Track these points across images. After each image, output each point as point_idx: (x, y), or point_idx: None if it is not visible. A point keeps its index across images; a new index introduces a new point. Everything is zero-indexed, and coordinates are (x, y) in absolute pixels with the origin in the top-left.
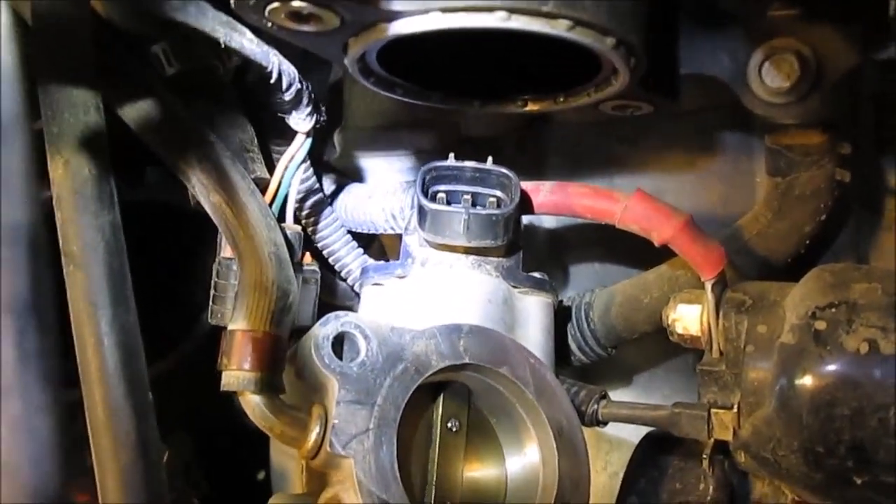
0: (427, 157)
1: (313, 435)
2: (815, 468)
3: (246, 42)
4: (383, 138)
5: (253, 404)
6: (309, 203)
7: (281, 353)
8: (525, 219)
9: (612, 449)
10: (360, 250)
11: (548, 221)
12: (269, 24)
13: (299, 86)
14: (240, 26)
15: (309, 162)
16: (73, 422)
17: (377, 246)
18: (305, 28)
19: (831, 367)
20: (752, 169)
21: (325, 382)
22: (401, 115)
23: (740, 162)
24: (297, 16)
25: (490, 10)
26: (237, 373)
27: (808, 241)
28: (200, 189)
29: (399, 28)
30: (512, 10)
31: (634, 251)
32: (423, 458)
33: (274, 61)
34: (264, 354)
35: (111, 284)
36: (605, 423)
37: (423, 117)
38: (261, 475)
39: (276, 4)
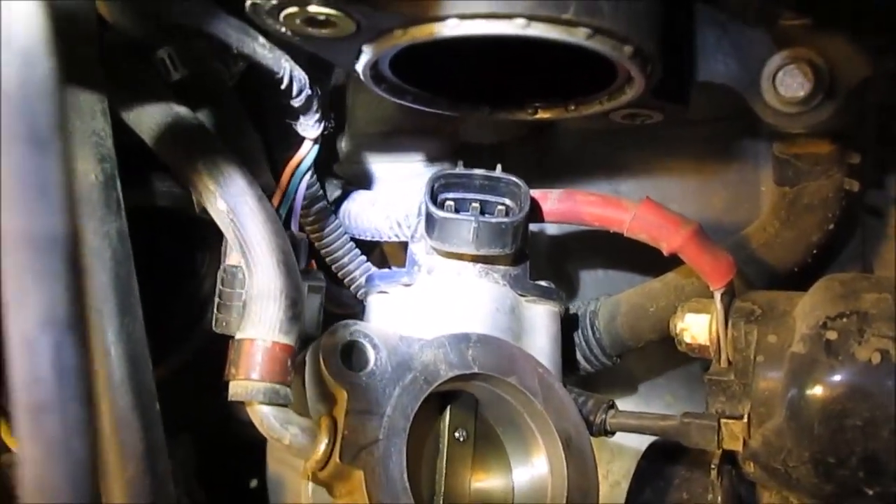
0: (430, 164)
1: (322, 446)
2: (826, 479)
3: (258, 47)
4: (387, 145)
5: (261, 415)
6: (313, 210)
7: (289, 362)
8: None
9: (613, 458)
10: (364, 258)
11: (550, 230)
12: (284, 30)
13: (309, 92)
14: (252, 31)
15: (313, 169)
16: None
17: (378, 253)
18: (321, 33)
19: (843, 378)
20: (757, 178)
21: (334, 392)
22: (404, 121)
23: (745, 171)
24: (313, 21)
25: (509, 17)
26: (245, 383)
27: (814, 251)
28: (207, 195)
29: (415, 34)
30: (531, 18)
31: (637, 260)
32: (431, 468)
33: (286, 67)
34: (273, 364)
35: (117, 293)
36: (613, 433)
37: (426, 124)
38: (253, 483)
39: (292, 9)
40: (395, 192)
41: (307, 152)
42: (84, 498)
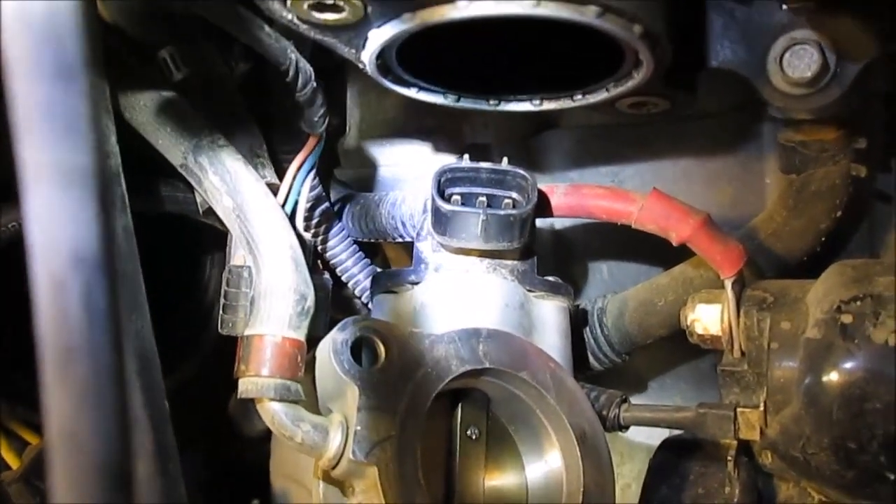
0: (434, 165)
1: (335, 443)
2: (847, 465)
3: (263, 36)
4: (388, 147)
5: (272, 412)
6: (316, 213)
7: (300, 358)
8: None
9: (623, 461)
10: (368, 261)
11: (551, 229)
12: (290, 16)
13: (315, 84)
14: (257, 20)
15: (317, 170)
16: None
17: (380, 258)
18: (328, 19)
19: (860, 361)
20: (761, 170)
21: (345, 389)
22: (406, 123)
23: (750, 164)
24: (320, 6)
25: None
26: (255, 379)
27: (823, 238)
28: (213, 193)
29: (425, 18)
30: None
31: (641, 257)
32: (443, 467)
33: (291, 57)
34: (283, 359)
35: (125, 289)
36: (627, 428)
37: (428, 125)
38: (255, 503)
39: None
40: (398, 193)
41: (311, 149)
42: (115, 451)
